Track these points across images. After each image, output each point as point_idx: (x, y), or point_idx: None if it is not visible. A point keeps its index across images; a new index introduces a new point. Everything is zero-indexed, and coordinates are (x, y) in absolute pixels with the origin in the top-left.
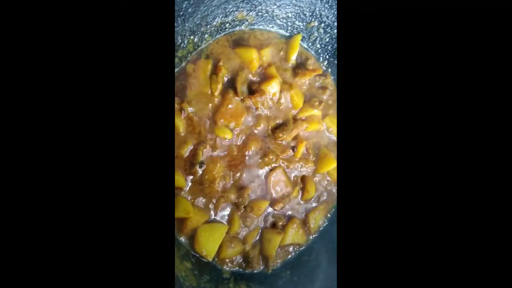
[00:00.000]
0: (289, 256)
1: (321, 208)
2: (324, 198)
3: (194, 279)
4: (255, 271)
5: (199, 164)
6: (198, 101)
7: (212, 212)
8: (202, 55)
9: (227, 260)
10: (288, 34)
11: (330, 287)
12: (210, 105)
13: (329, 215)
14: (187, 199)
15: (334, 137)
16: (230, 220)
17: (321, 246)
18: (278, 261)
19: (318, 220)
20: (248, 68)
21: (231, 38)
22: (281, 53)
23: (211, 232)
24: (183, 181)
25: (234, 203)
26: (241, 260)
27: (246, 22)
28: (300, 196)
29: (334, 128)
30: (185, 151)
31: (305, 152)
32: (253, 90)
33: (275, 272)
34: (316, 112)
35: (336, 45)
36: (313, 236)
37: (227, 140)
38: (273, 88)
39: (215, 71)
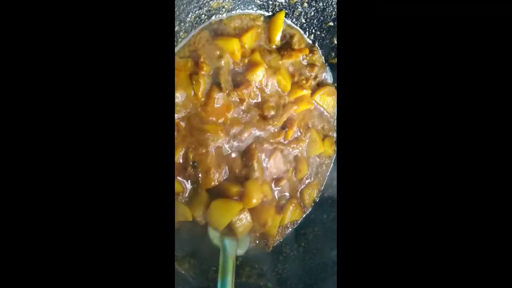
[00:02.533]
0: (287, 232)
1: (314, 184)
2: (317, 174)
3: (201, 274)
4: (256, 253)
5: (191, 165)
6: (181, 106)
7: None
8: (180, 54)
9: None
10: (270, 14)
11: (329, 256)
12: (196, 107)
13: (322, 188)
14: (184, 204)
15: (325, 113)
16: None
17: (316, 218)
18: (277, 238)
19: (312, 195)
20: (231, 58)
21: (209, 30)
22: (264, 34)
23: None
24: (180, 186)
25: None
26: None
27: (223, 9)
28: (294, 176)
29: (324, 106)
30: (177, 157)
31: (299, 132)
32: (238, 81)
33: (275, 249)
34: (305, 92)
35: (322, 18)
36: (308, 209)
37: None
38: (258, 76)
39: (196, 69)
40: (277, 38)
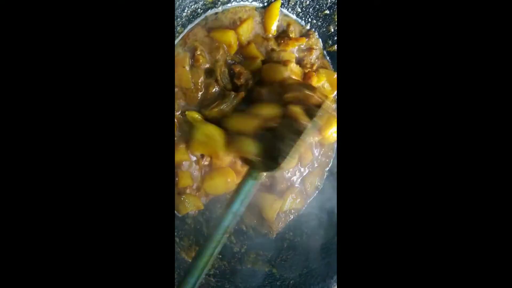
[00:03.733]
0: (290, 219)
1: (315, 173)
2: (319, 162)
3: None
4: (261, 240)
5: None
6: (182, 101)
7: None
8: (178, 48)
9: None
10: (265, 4)
11: (331, 242)
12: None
13: (324, 176)
14: (194, 195)
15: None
16: None
17: (318, 204)
18: (280, 225)
19: (314, 183)
20: (228, 51)
21: (205, 23)
22: (260, 25)
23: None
24: (190, 180)
25: None
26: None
27: (219, 2)
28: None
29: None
30: (183, 154)
31: None
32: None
33: (279, 236)
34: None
35: (318, 6)
36: (311, 197)
37: None
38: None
39: (193, 63)
40: (273, 27)
